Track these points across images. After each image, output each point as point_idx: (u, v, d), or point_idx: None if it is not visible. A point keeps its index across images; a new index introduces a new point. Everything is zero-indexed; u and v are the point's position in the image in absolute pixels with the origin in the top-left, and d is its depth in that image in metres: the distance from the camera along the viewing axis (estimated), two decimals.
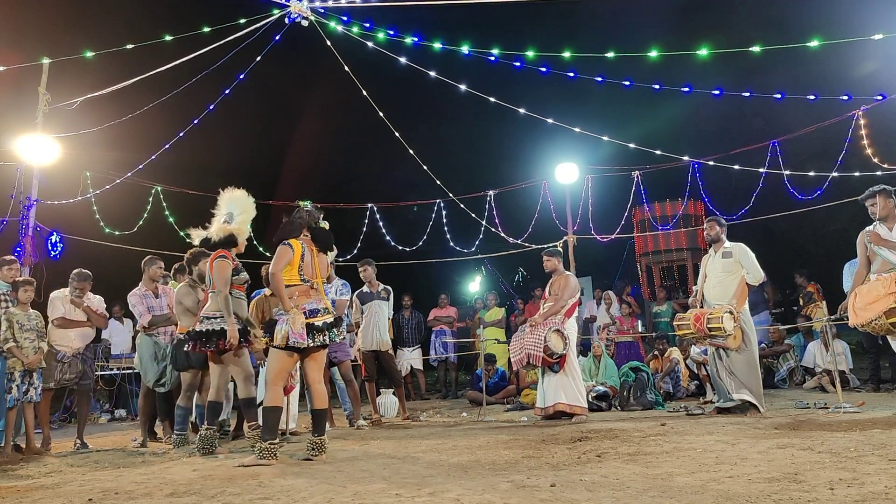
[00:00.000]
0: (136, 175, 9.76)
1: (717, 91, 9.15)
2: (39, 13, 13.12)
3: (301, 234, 4.82)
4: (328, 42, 9.11)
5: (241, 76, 9.44)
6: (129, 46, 8.50)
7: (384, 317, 7.68)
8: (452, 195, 11.44)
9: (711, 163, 10.30)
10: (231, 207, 5.44)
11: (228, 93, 9.47)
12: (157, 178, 10.13)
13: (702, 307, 6.60)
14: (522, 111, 10.04)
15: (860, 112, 8.54)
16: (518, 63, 8.98)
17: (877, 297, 5.15)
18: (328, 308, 4.79)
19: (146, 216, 9.88)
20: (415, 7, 8.80)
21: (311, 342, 4.56)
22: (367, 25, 8.81)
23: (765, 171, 9.51)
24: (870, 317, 5.17)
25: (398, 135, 10.43)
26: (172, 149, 9.62)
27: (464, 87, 9.62)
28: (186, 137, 9.63)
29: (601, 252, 15.15)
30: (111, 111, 9.12)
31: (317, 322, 4.61)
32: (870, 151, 8.40)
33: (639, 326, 11.08)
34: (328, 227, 4.99)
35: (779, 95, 9.22)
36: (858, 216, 6.60)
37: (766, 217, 10.67)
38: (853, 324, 5.41)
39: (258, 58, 9.31)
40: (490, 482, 3.49)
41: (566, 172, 10.77)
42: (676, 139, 15.19)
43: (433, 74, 9.39)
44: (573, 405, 6.56)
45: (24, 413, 5.82)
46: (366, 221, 11.47)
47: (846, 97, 8.69)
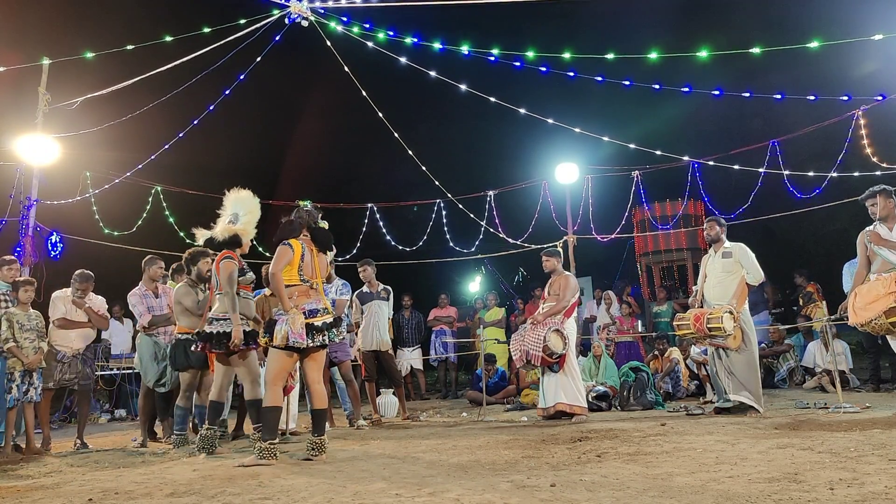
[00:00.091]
0: (136, 175, 9.77)
1: (717, 91, 9.15)
2: (39, 13, 13.14)
3: (301, 234, 4.82)
4: (328, 42, 9.12)
5: (242, 76, 9.45)
6: (130, 47, 8.51)
7: (384, 317, 7.69)
8: (452, 196, 11.44)
9: (711, 163, 10.30)
10: (236, 208, 5.43)
11: (229, 93, 9.48)
12: (157, 178, 10.15)
13: (701, 307, 6.61)
14: (522, 111, 10.04)
15: (860, 112, 8.55)
16: (518, 63, 8.98)
17: (877, 297, 5.16)
18: (328, 308, 4.79)
19: (146, 216, 9.88)
20: (415, 7, 8.80)
21: (311, 342, 4.56)
22: (367, 26, 8.82)
23: (764, 171, 9.52)
24: (870, 316, 5.18)
25: (397, 135, 10.44)
26: (172, 149, 9.62)
27: (464, 88, 9.62)
28: (186, 137, 9.63)
29: (601, 252, 15.15)
30: (111, 111, 9.12)
31: (316, 322, 4.61)
32: (869, 151, 8.41)
33: (639, 326, 11.09)
34: (328, 227, 4.99)
35: (779, 96, 9.22)
36: (858, 216, 6.60)
37: (767, 217, 10.67)
38: (853, 323, 5.41)
39: (258, 58, 9.32)
40: (490, 482, 3.49)
41: (566, 172, 10.78)
42: (676, 139, 15.20)
43: (433, 74, 9.39)
44: (573, 405, 6.57)
45: (24, 413, 5.82)
46: (366, 221, 11.48)
47: (846, 97, 8.70)
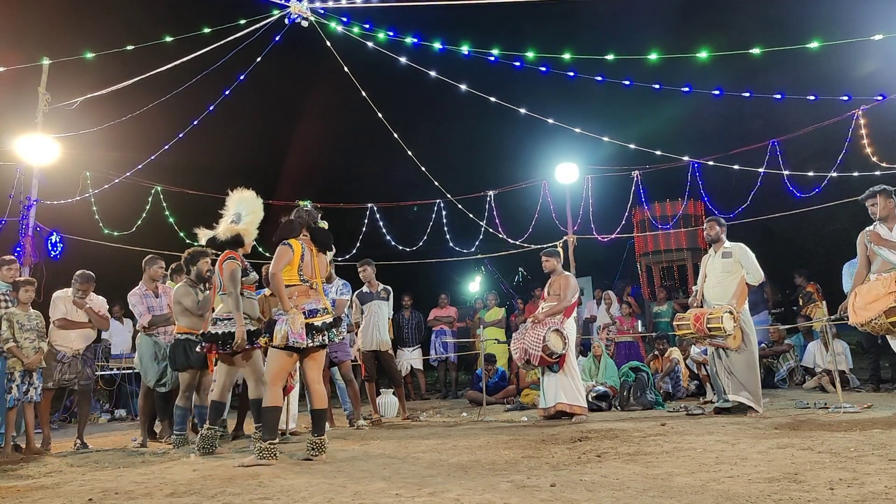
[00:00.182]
0: (136, 175, 9.77)
1: (717, 91, 9.15)
2: (39, 13, 13.14)
3: (300, 234, 4.83)
4: (328, 43, 9.12)
5: (241, 77, 9.45)
6: (130, 47, 8.51)
7: (384, 317, 7.69)
8: (451, 196, 11.45)
9: (711, 163, 10.30)
10: (239, 208, 5.42)
11: (228, 93, 9.48)
12: (157, 178, 10.15)
13: (701, 307, 6.61)
14: (523, 111, 10.04)
15: (860, 112, 8.54)
16: (518, 63, 8.98)
17: (877, 297, 5.16)
18: (327, 308, 4.79)
19: (146, 216, 9.88)
20: (414, 7, 8.80)
21: (311, 342, 4.57)
22: (367, 26, 8.82)
23: (763, 171, 9.51)
24: (870, 316, 5.18)
25: (397, 136, 10.44)
26: (172, 149, 9.62)
27: (464, 88, 9.62)
28: (186, 137, 9.63)
29: (601, 252, 15.15)
30: (111, 111, 9.12)
31: (316, 322, 4.61)
32: (869, 151, 8.40)
33: (639, 326, 11.09)
34: (327, 227, 4.99)
35: (779, 96, 9.22)
36: (858, 216, 6.59)
37: (766, 217, 10.67)
38: (853, 323, 5.41)
39: (258, 58, 9.32)
40: (490, 482, 3.49)
41: (566, 172, 10.78)
42: (676, 139, 15.19)
43: (433, 74, 9.39)
44: (573, 405, 6.57)
45: (25, 413, 5.82)
46: (365, 221, 11.48)
47: (846, 97, 8.69)
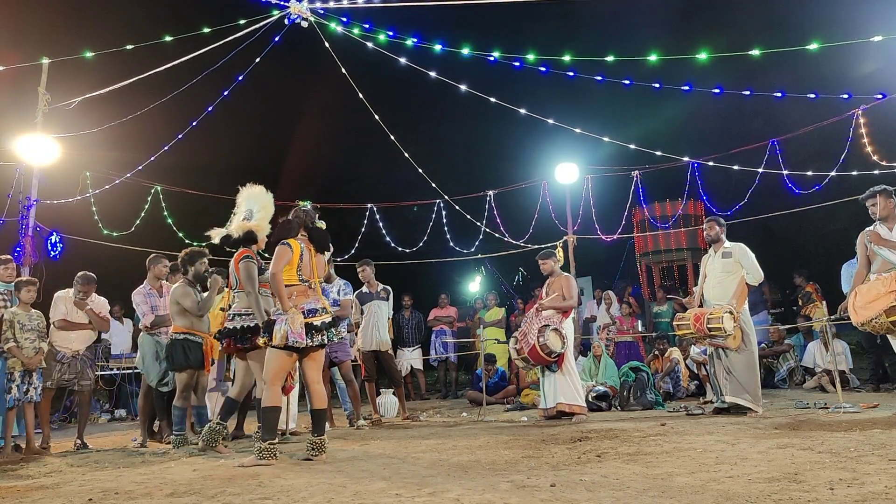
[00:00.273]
0: (136, 175, 9.77)
1: (718, 90, 9.15)
2: (39, 13, 13.14)
3: (298, 234, 4.83)
4: (327, 44, 9.11)
5: (241, 77, 9.44)
6: (129, 47, 8.50)
7: (383, 317, 7.69)
8: (449, 197, 11.46)
9: (711, 163, 10.30)
10: (251, 204, 5.39)
11: (227, 94, 9.48)
12: (157, 178, 10.15)
13: (701, 307, 6.61)
14: (523, 111, 10.04)
15: (860, 111, 8.54)
16: (518, 63, 8.98)
17: (877, 296, 5.16)
18: (326, 308, 4.80)
19: (145, 216, 9.88)
20: (414, 7, 8.80)
21: (310, 342, 4.57)
22: (367, 26, 8.82)
23: (762, 171, 9.51)
24: (870, 315, 5.18)
25: (393, 138, 10.44)
26: (172, 149, 9.62)
27: (464, 88, 9.62)
28: (186, 138, 9.63)
29: (601, 252, 15.16)
30: (111, 111, 9.13)
31: (315, 322, 4.61)
32: (870, 150, 8.40)
33: (638, 326, 11.08)
34: (325, 227, 5.00)
35: (779, 94, 9.22)
36: (858, 216, 6.60)
37: (766, 216, 10.67)
38: (854, 322, 5.41)
39: (258, 59, 9.32)
40: (490, 482, 3.48)
41: (566, 172, 10.78)
42: (676, 139, 15.20)
43: (433, 75, 9.39)
44: (572, 405, 6.57)
45: (25, 413, 5.82)
46: (365, 221, 11.49)
47: (846, 95, 8.69)
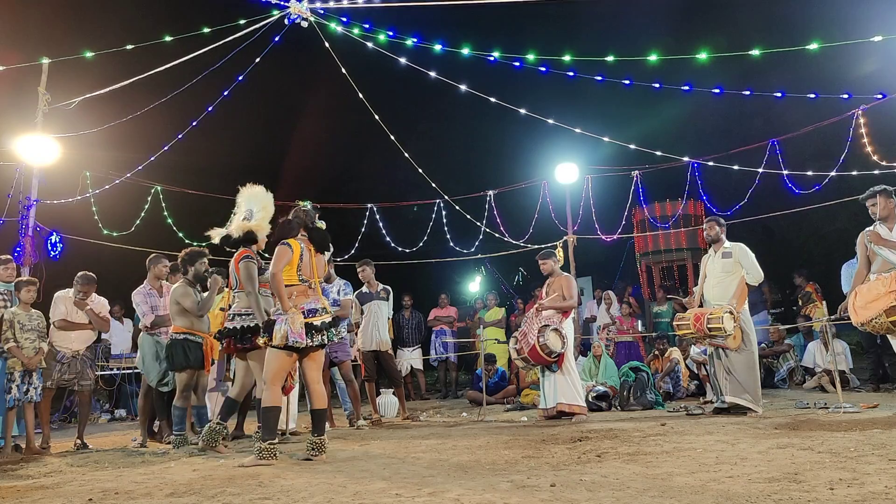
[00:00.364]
0: (136, 175, 9.77)
1: (718, 90, 9.15)
2: (39, 13, 13.14)
3: (298, 234, 4.83)
4: (326, 44, 9.11)
5: (241, 77, 9.44)
6: (129, 47, 8.50)
7: (383, 317, 7.69)
8: (449, 197, 11.46)
9: (711, 163, 10.30)
10: (251, 204, 5.40)
11: (228, 94, 9.48)
12: (157, 178, 10.15)
13: (701, 307, 6.61)
14: (523, 111, 10.04)
15: (860, 111, 8.54)
16: (518, 63, 8.98)
17: (877, 296, 5.16)
18: (326, 308, 4.80)
19: (145, 216, 9.88)
20: (414, 7, 8.80)
21: (310, 341, 4.57)
22: (367, 26, 8.82)
23: (762, 170, 9.51)
24: (870, 315, 5.18)
25: (393, 138, 10.45)
26: (172, 149, 9.62)
27: (464, 88, 9.62)
28: (186, 137, 9.63)
29: (601, 252, 15.17)
30: (111, 111, 9.12)
31: (315, 322, 4.62)
32: (870, 150, 8.40)
33: (638, 326, 11.08)
34: (325, 227, 5.00)
35: (779, 94, 9.22)
36: (858, 216, 6.60)
37: (766, 216, 10.67)
38: (854, 322, 5.41)
39: (257, 59, 9.31)
40: (490, 482, 3.48)
41: (566, 172, 10.78)
42: (676, 139, 15.21)
43: (433, 75, 9.39)
44: (572, 405, 6.57)
45: (25, 413, 5.82)
46: (365, 221, 11.49)
47: (846, 96, 8.69)
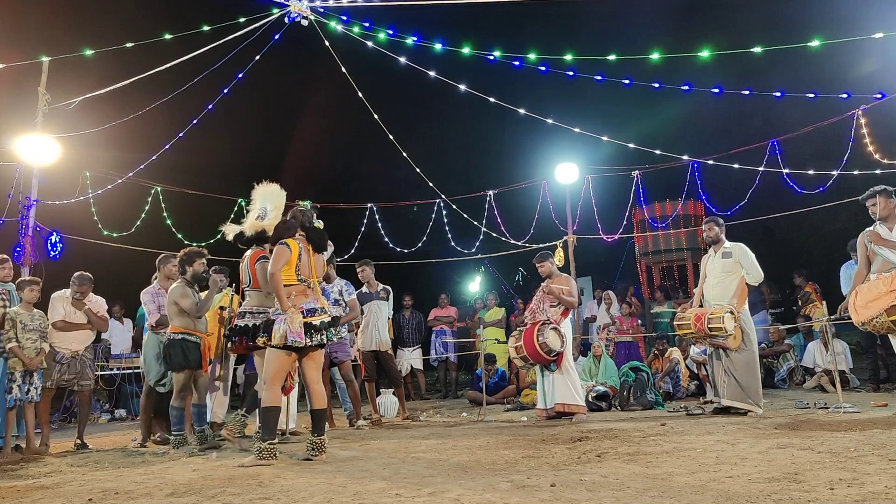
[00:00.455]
0: (136, 175, 9.76)
1: (717, 90, 9.14)
2: (39, 13, 13.13)
3: (296, 234, 4.83)
4: (326, 43, 9.11)
5: (240, 75, 9.44)
6: (129, 45, 8.50)
7: (383, 317, 7.69)
8: (447, 197, 11.46)
9: (711, 162, 10.30)
10: (265, 202, 5.41)
11: (227, 92, 9.48)
12: (157, 178, 10.15)
13: (701, 307, 6.60)
14: (522, 111, 10.03)
15: (860, 111, 8.54)
16: (518, 62, 8.98)
17: (878, 296, 5.16)
18: (325, 308, 4.80)
19: (145, 216, 9.88)
20: (414, 7, 8.80)
21: (309, 341, 4.58)
22: (367, 25, 8.82)
23: (763, 170, 9.50)
24: (871, 314, 5.18)
25: (392, 138, 10.45)
26: (172, 149, 9.62)
27: (463, 88, 9.62)
28: (186, 137, 9.63)
29: (601, 252, 15.17)
30: (111, 111, 9.12)
31: (314, 321, 4.62)
32: (872, 149, 8.39)
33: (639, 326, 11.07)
34: (323, 227, 5.00)
35: (778, 94, 9.21)
36: (859, 216, 6.60)
37: (766, 217, 10.66)
38: (855, 321, 5.41)
39: (257, 57, 9.31)
40: (490, 482, 3.48)
41: (566, 172, 10.78)
42: (676, 139, 15.21)
43: (433, 74, 9.39)
44: (572, 404, 6.57)
45: (25, 413, 5.81)
46: (365, 221, 11.49)
47: (846, 95, 8.68)
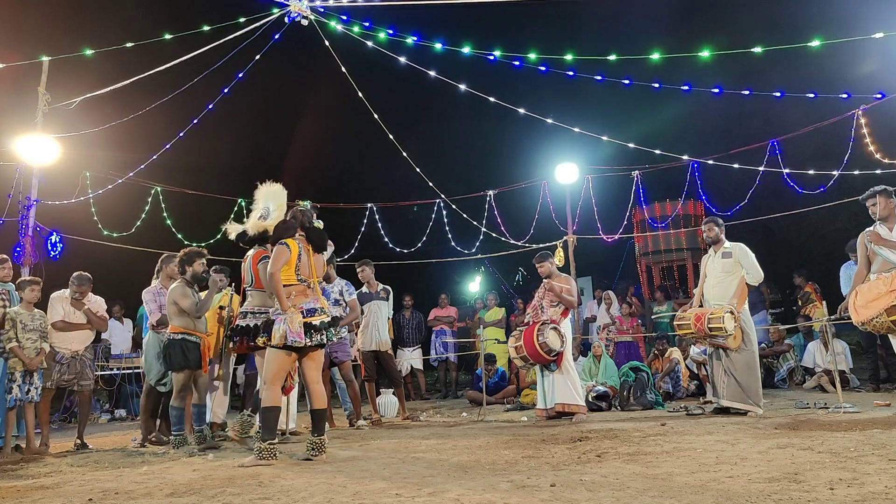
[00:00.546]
0: (136, 175, 9.76)
1: (717, 90, 9.14)
2: (39, 13, 13.13)
3: (296, 234, 4.83)
4: (326, 42, 9.11)
5: (240, 75, 9.44)
6: (129, 45, 8.50)
7: (383, 317, 7.69)
8: (447, 197, 11.46)
9: (711, 162, 10.30)
10: (268, 202, 5.44)
11: (227, 92, 9.48)
12: (157, 178, 10.15)
13: (701, 307, 6.60)
14: (522, 111, 10.03)
15: (860, 111, 8.54)
16: (518, 62, 8.98)
17: (878, 295, 5.16)
18: (325, 308, 4.81)
19: (145, 216, 9.88)
20: (414, 6, 8.79)
21: (309, 341, 4.58)
22: (367, 25, 8.82)
23: (763, 170, 9.50)
24: (871, 314, 5.18)
25: (392, 137, 10.45)
26: (172, 149, 9.62)
27: (463, 87, 9.62)
28: (186, 137, 9.63)
29: (601, 252, 15.17)
30: (111, 111, 9.12)
31: (314, 321, 4.63)
32: (873, 149, 8.39)
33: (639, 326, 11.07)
34: (322, 227, 5.00)
35: (778, 94, 9.21)
36: (859, 216, 6.60)
37: (766, 217, 10.66)
38: (855, 321, 5.41)
39: (257, 57, 9.31)
40: (490, 482, 3.48)
41: (566, 172, 10.78)
42: (676, 139, 15.21)
43: (433, 74, 9.39)
44: (571, 404, 6.57)
45: (25, 413, 5.81)
46: (365, 221, 11.49)
47: (846, 95, 8.68)
